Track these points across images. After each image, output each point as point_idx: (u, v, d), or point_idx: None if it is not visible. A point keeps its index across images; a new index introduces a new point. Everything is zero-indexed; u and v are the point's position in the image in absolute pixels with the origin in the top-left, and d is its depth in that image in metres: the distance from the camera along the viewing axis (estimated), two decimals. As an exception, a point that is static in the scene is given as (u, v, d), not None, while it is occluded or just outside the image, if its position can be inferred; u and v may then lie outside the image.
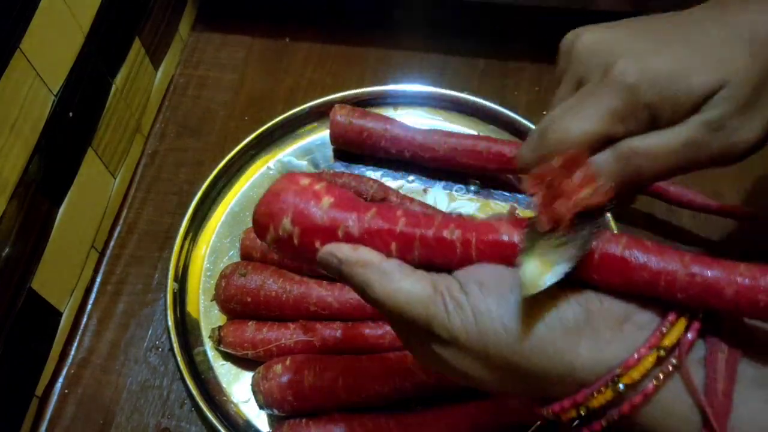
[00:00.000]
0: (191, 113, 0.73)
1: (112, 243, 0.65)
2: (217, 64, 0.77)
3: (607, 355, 0.30)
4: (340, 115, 0.65)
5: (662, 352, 0.29)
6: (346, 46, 0.77)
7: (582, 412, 0.30)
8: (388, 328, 0.56)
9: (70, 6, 0.54)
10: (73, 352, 0.60)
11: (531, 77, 0.75)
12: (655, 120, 0.33)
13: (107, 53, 0.61)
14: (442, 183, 0.67)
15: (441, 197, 0.66)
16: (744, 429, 0.28)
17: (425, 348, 0.33)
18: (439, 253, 0.34)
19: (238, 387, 0.57)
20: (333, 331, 0.56)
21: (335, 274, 0.34)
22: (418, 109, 0.71)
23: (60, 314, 0.58)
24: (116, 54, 0.63)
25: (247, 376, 0.57)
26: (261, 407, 0.53)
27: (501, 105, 0.69)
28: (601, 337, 0.30)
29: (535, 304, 0.30)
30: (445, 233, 0.33)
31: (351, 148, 0.67)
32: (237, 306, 0.57)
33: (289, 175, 0.38)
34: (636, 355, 0.29)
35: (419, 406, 0.54)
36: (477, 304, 0.31)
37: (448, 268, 0.34)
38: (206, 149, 0.71)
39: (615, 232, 0.33)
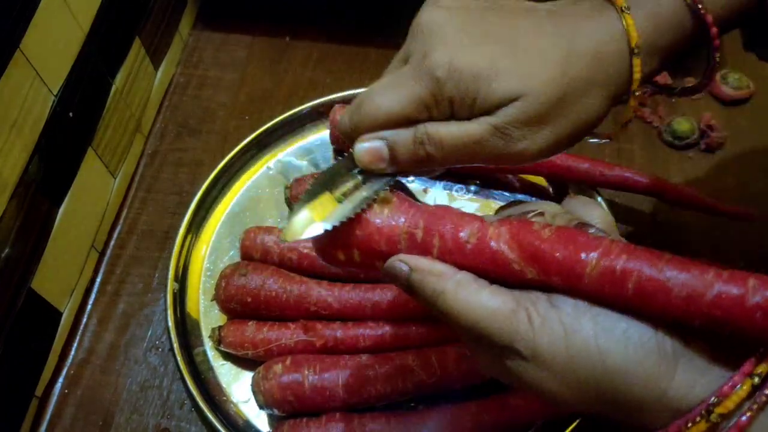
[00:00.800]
0: (191, 113, 0.73)
1: (112, 243, 0.65)
2: (217, 63, 0.77)
3: (701, 385, 0.29)
4: (340, 115, 0.65)
5: (756, 380, 0.28)
6: (346, 46, 0.77)
7: None
8: (387, 327, 0.56)
9: (70, 6, 0.54)
10: (73, 353, 0.60)
11: (531, 77, 0.75)
12: (454, 113, 0.35)
13: (107, 53, 0.61)
14: (442, 183, 0.67)
15: (441, 197, 0.66)
16: None
17: (498, 361, 0.33)
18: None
19: (238, 387, 0.57)
20: (333, 331, 0.56)
21: (403, 284, 0.34)
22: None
23: (60, 314, 0.58)
24: (116, 54, 0.63)
25: (247, 376, 0.57)
26: (261, 407, 0.53)
27: (501, 105, 0.69)
28: (696, 367, 0.29)
29: (634, 327, 0.29)
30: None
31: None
32: (237, 306, 0.57)
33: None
34: (731, 383, 0.28)
35: (419, 406, 0.55)
36: (569, 322, 0.30)
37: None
38: (206, 149, 0.71)
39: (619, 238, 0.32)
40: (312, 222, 0.34)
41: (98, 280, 0.64)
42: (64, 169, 0.57)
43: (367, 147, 0.36)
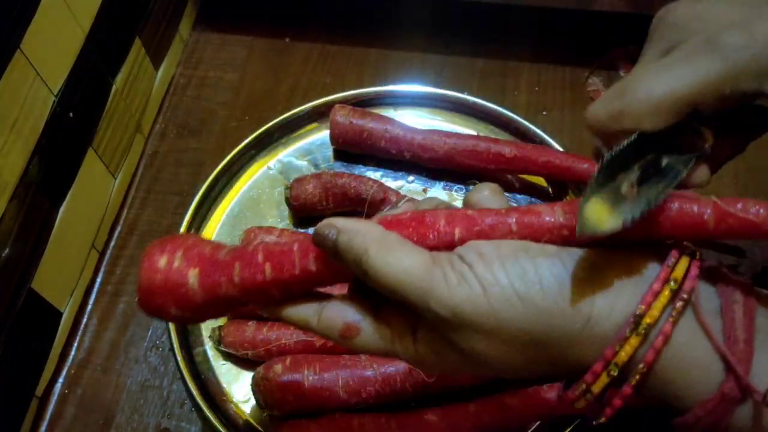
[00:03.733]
0: (191, 113, 0.73)
1: (112, 243, 0.65)
2: (217, 64, 0.77)
3: (621, 303, 0.29)
4: (340, 115, 0.65)
5: (673, 284, 0.29)
6: (346, 46, 0.77)
7: (613, 372, 0.29)
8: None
9: (70, 6, 0.54)
10: (73, 353, 0.60)
11: (531, 77, 0.75)
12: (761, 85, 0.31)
13: (107, 53, 0.61)
14: (442, 183, 0.67)
15: (441, 197, 0.66)
16: (764, 377, 0.27)
17: (429, 340, 0.32)
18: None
19: (238, 387, 0.57)
20: (333, 331, 0.56)
21: (330, 248, 0.33)
22: (418, 109, 0.71)
23: (60, 314, 0.58)
24: (116, 54, 0.63)
25: (247, 376, 0.57)
26: (261, 407, 0.53)
27: (501, 105, 0.69)
28: (612, 287, 0.29)
29: (540, 265, 0.29)
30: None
31: (351, 149, 0.67)
32: (237, 306, 0.57)
33: (147, 257, 0.36)
34: (650, 292, 0.29)
35: (419, 406, 0.55)
36: (483, 274, 0.29)
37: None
38: (206, 149, 0.71)
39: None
40: (610, 214, 0.30)
41: (98, 280, 0.64)
42: (64, 170, 0.57)
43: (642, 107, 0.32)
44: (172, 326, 0.58)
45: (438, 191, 0.66)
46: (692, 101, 0.31)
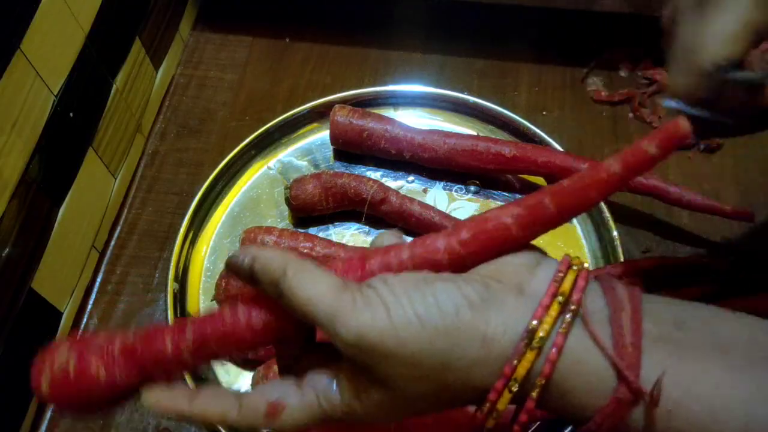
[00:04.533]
0: (191, 113, 0.73)
1: (112, 243, 0.65)
2: (217, 64, 0.77)
3: (515, 319, 0.30)
4: (340, 115, 0.66)
5: (561, 298, 0.30)
6: (346, 46, 0.77)
7: (514, 388, 0.30)
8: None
9: (70, 6, 0.54)
10: (73, 352, 0.60)
11: (531, 77, 0.75)
12: None
13: (107, 53, 0.61)
14: (442, 183, 0.67)
15: (441, 197, 0.66)
16: (653, 379, 0.29)
17: (349, 382, 0.33)
18: None
19: (238, 387, 0.57)
20: (333, 331, 0.56)
21: (245, 271, 0.33)
22: (418, 109, 0.71)
23: (60, 314, 0.58)
24: (116, 54, 0.63)
25: (247, 376, 0.57)
26: (261, 407, 0.53)
27: (501, 105, 0.69)
28: (506, 306, 0.31)
29: (437, 290, 0.31)
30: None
31: (351, 149, 0.67)
32: (237, 306, 0.57)
33: (36, 368, 0.34)
34: (542, 308, 0.30)
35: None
36: (386, 297, 0.31)
37: None
38: (206, 149, 0.71)
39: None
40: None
41: (98, 280, 0.64)
42: (65, 169, 0.57)
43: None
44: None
45: (438, 191, 0.66)
46: (759, 28, 0.35)
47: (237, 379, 0.57)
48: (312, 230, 0.64)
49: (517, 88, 0.74)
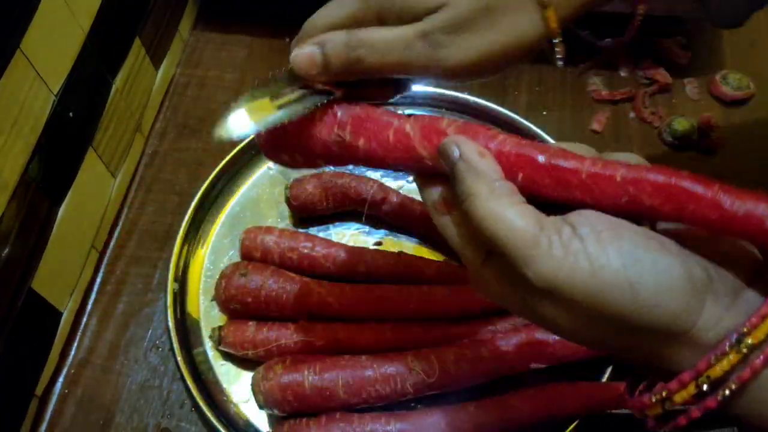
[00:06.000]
0: (191, 113, 0.73)
1: (112, 243, 0.65)
2: (217, 64, 0.77)
3: (728, 319, 0.29)
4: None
5: None
6: (346, 46, 0.77)
7: (704, 387, 0.28)
8: (387, 328, 0.56)
9: (70, 6, 0.54)
10: (73, 352, 0.60)
11: (531, 77, 0.75)
12: (383, 22, 0.37)
13: (107, 53, 0.61)
14: (442, 183, 0.67)
15: (441, 197, 0.66)
16: None
17: (512, 289, 0.31)
18: (547, 182, 0.32)
19: (238, 387, 0.57)
20: (333, 331, 0.56)
21: (448, 166, 0.33)
22: (418, 109, 0.71)
23: (60, 314, 0.58)
24: (116, 54, 0.63)
25: (247, 376, 0.57)
26: (261, 407, 0.53)
27: (501, 105, 0.69)
28: (722, 301, 0.29)
29: (663, 259, 0.29)
30: (561, 162, 0.32)
31: (351, 148, 0.67)
32: (237, 306, 0.57)
33: None
34: (760, 313, 0.28)
35: (419, 406, 0.55)
36: (594, 253, 0.28)
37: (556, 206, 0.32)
38: (206, 149, 0.71)
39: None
40: (247, 123, 0.36)
41: (98, 280, 0.64)
42: (64, 169, 0.57)
43: (301, 52, 0.37)
44: (172, 326, 0.58)
45: (438, 191, 0.66)
46: (342, 27, 0.37)
47: (237, 378, 0.57)
48: (312, 230, 0.64)
49: (517, 88, 0.74)
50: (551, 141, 0.65)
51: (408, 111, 0.70)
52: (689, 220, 0.30)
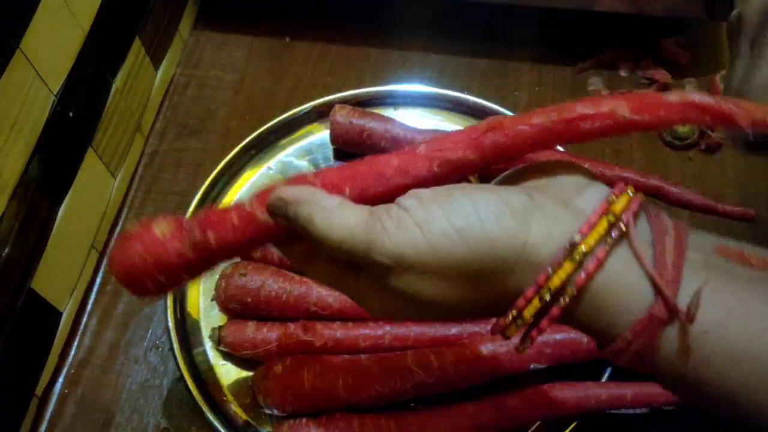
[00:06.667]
0: (191, 113, 0.73)
1: (112, 243, 0.65)
2: (217, 64, 0.77)
3: (558, 231, 0.30)
4: (340, 115, 0.66)
5: (611, 218, 0.30)
6: (346, 46, 0.77)
7: (546, 297, 0.30)
8: (388, 327, 0.56)
9: (70, 6, 0.54)
10: (73, 352, 0.60)
11: (531, 77, 0.75)
12: None
13: (107, 53, 0.61)
14: (442, 183, 0.67)
15: (441, 197, 0.66)
16: (689, 299, 0.28)
17: (383, 291, 0.33)
18: (370, 182, 0.34)
19: (238, 387, 0.57)
20: (333, 331, 0.56)
21: (284, 218, 0.34)
22: (418, 109, 0.71)
23: (60, 314, 0.58)
24: (116, 54, 0.63)
25: (247, 376, 0.57)
26: (261, 407, 0.53)
27: (501, 105, 0.69)
28: (549, 216, 0.31)
29: (477, 199, 0.31)
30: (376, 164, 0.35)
31: (351, 148, 0.67)
32: (237, 306, 0.57)
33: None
34: (589, 224, 0.30)
35: (419, 406, 0.55)
36: (420, 215, 0.31)
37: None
38: (206, 149, 0.71)
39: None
40: None
41: (98, 280, 0.63)
42: (64, 169, 0.57)
43: None
44: (172, 326, 0.58)
45: (438, 191, 0.66)
46: None
47: (237, 378, 0.57)
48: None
49: (517, 88, 0.74)
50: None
51: (408, 111, 0.70)
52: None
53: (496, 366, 0.54)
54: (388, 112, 0.70)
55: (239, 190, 0.67)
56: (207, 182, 0.65)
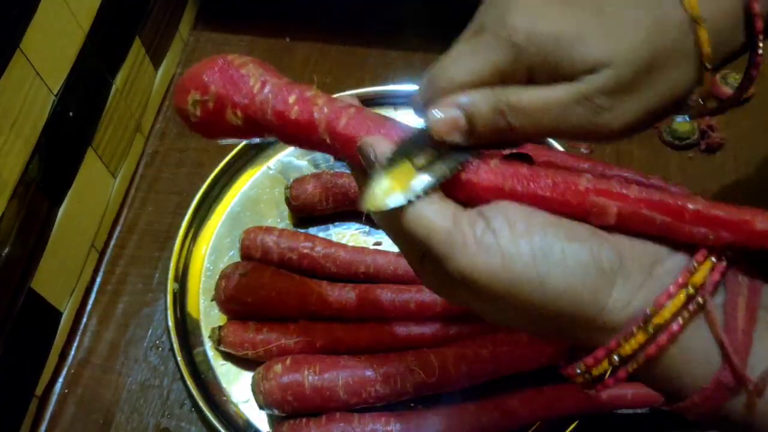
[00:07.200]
0: (191, 113, 0.73)
1: (112, 243, 0.65)
2: (217, 64, 0.77)
3: (638, 298, 0.30)
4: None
5: (691, 290, 0.29)
6: (346, 46, 0.77)
7: (615, 362, 0.30)
8: (387, 328, 0.56)
9: (70, 6, 0.54)
10: (73, 352, 0.60)
11: (531, 77, 0.75)
12: (532, 79, 0.33)
13: (107, 53, 0.61)
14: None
15: (441, 197, 0.66)
16: (763, 367, 0.28)
17: (442, 283, 0.33)
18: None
19: (238, 387, 0.57)
20: (333, 331, 0.56)
21: (365, 165, 0.33)
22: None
23: (60, 314, 0.58)
24: (116, 54, 0.63)
25: (247, 376, 0.57)
26: (261, 407, 0.53)
27: (501, 105, 0.69)
28: (633, 281, 0.30)
29: (569, 248, 0.30)
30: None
31: (351, 148, 0.67)
32: (237, 306, 0.57)
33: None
34: (667, 295, 0.29)
35: (419, 407, 0.55)
36: (506, 246, 0.29)
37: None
38: (206, 149, 0.71)
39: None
40: (393, 191, 0.31)
41: (98, 280, 0.64)
42: (64, 169, 0.57)
43: (442, 116, 0.33)
44: (172, 326, 0.58)
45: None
46: (484, 85, 0.33)
47: (237, 378, 0.57)
48: (312, 230, 0.64)
49: (517, 88, 0.74)
50: (551, 141, 0.65)
51: (408, 111, 0.70)
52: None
53: (497, 366, 0.54)
54: (388, 112, 0.70)
55: (239, 190, 0.67)
56: (207, 182, 0.65)
